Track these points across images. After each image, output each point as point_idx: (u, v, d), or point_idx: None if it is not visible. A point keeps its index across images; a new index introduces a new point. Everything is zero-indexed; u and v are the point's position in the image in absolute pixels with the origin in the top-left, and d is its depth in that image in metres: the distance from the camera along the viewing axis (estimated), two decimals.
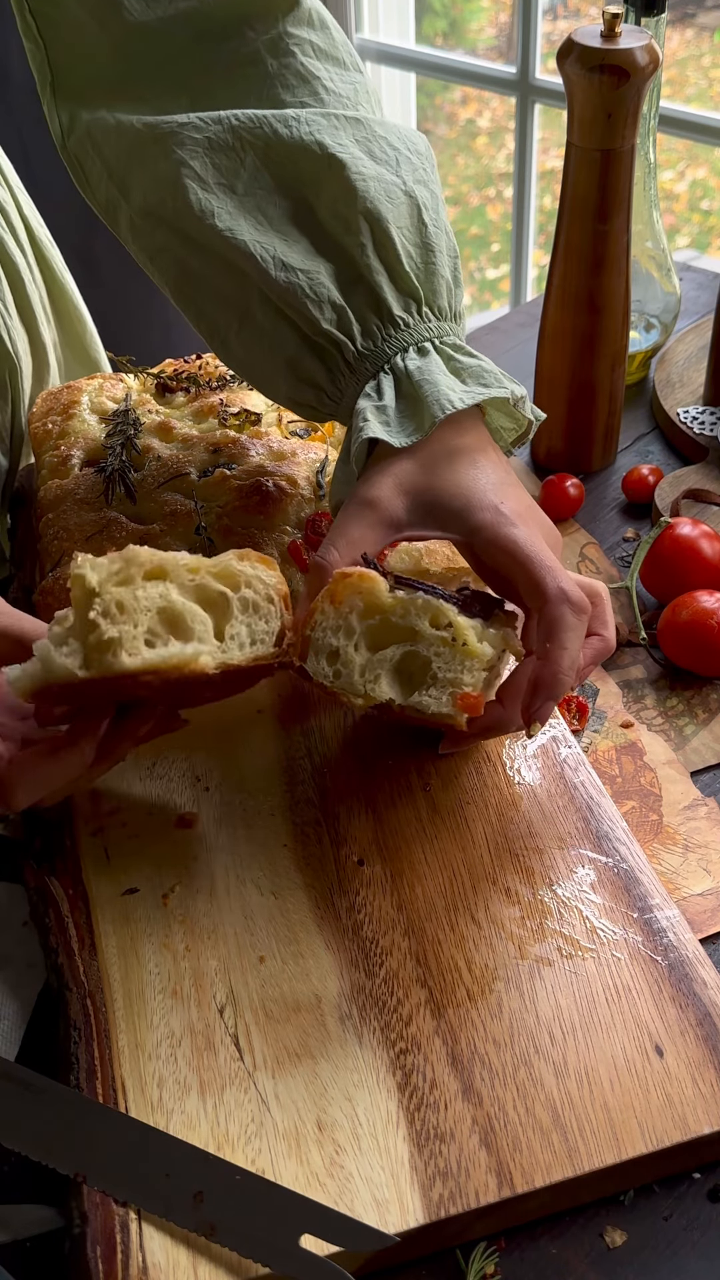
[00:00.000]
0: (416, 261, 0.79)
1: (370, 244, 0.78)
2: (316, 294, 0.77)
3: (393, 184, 0.79)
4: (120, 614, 0.67)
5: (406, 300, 0.79)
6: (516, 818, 0.79)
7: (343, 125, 0.80)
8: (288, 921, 0.74)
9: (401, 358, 0.78)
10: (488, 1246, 0.62)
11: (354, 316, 0.78)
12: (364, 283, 0.78)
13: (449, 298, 0.81)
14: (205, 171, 0.79)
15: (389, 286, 0.78)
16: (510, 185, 2.93)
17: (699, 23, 3.81)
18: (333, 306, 0.78)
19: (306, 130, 0.78)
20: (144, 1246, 0.60)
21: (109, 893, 0.76)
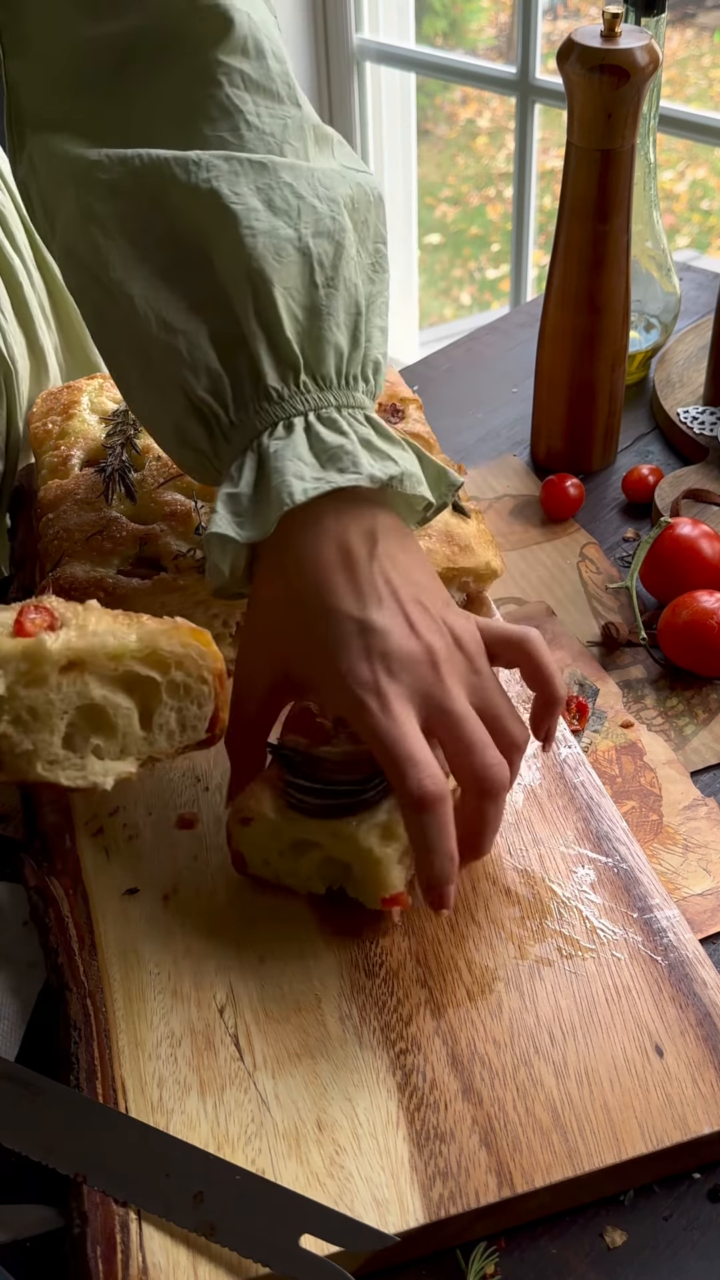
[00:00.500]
0: (301, 326, 0.74)
1: (252, 307, 0.73)
2: (193, 358, 0.74)
3: (285, 240, 0.74)
4: (34, 720, 0.62)
5: (284, 370, 0.73)
6: (516, 818, 0.79)
7: (245, 171, 0.75)
8: (288, 921, 0.74)
9: (269, 434, 0.72)
10: (488, 1246, 0.62)
11: (229, 384, 0.73)
12: (244, 349, 0.73)
13: (340, 362, 0.75)
14: (107, 217, 0.76)
15: (267, 355, 0.73)
16: (510, 185, 2.93)
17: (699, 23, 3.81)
18: (208, 373, 0.73)
19: (204, 177, 0.74)
20: (144, 1246, 0.60)
21: (109, 893, 0.76)
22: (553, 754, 0.83)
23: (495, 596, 1.00)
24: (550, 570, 1.05)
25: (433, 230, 4.04)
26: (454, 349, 1.38)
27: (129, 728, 0.67)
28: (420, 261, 3.40)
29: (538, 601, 1.02)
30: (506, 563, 1.05)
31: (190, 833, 0.80)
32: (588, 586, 1.03)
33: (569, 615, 1.00)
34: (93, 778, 0.65)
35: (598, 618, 1.00)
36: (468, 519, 0.96)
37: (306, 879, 0.75)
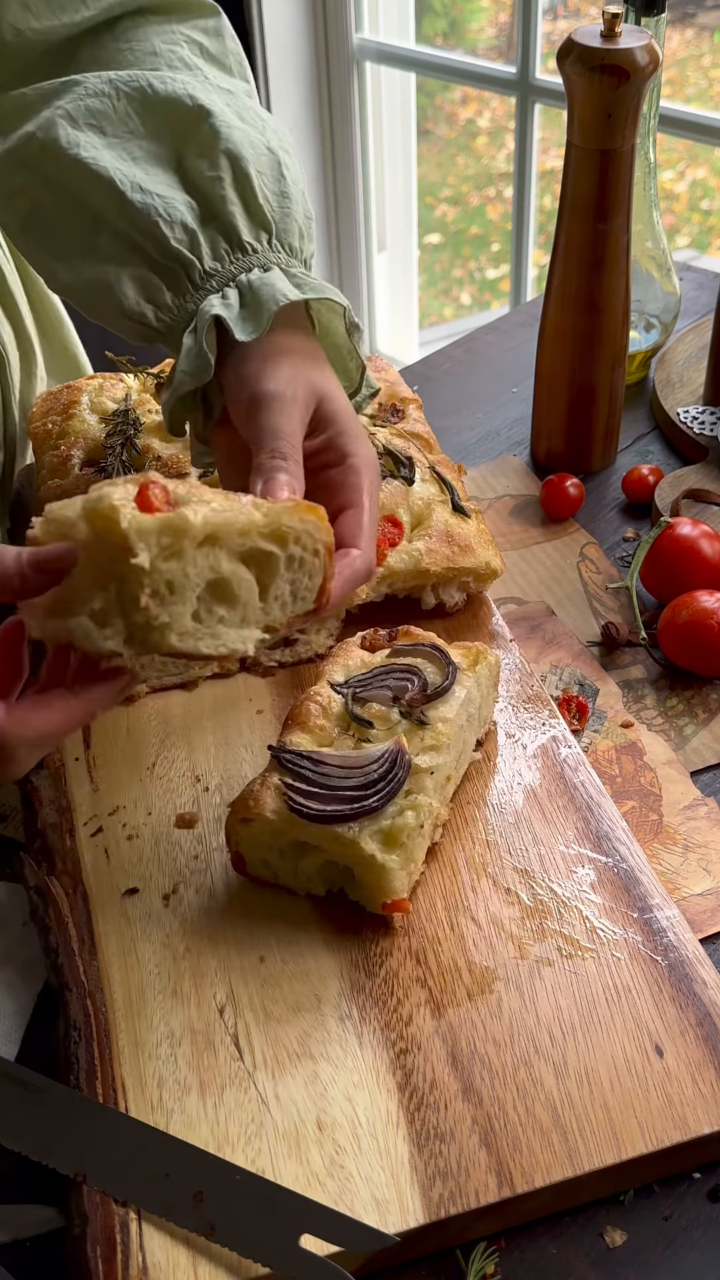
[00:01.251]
0: (272, 203, 0.82)
1: (229, 179, 0.80)
2: (170, 215, 0.79)
3: (256, 139, 0.82)
4: (170, 594, 0.62)
5: (258, 230, 0.81)
6: (516, 818, 0.79)
7: (215, 90, 0.84)
8: (288, 921, 0.74)
9: (245, 275, 0.79)
10: (488, 1246, 0.62)
11: (204, 240, 0.80)
12: (219, 216, 0.80)
13: (300, 241, 0.83)
14: (78, 114, 0.82)
15: (242, 216, 0.80)
16: (510, 185, 2.93)
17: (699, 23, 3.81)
18: (184, 229, 0.79)
19: (180, 86, 0.82)
20: (144, 1246, 0.60)
21: (109, 893, 0.76)
22: (553, 754, 0.83)
23: (495, 596, 1.00)
24: (550, 570, 1.05)
25: (433, 230, 4.04)
26: (454, 349, 1.38)
27: (250, 599, 0.67)
28: (420, 261, 3.40)
29: (538, 601, 1.02)
30: (506, 563, 1.05)
31: (190, 833, 0.80)
32: (588, 586, 1.03)
33: (569, 615, 1.00)
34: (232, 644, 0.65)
35: (598, 618, 1.00)
36: (468, 519, 0.96)
37: (307, 880, 0.75)
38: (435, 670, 0.80)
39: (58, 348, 1.20)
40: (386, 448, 0.98)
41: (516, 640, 0.95)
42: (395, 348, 3.28)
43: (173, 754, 0.85)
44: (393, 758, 0.74)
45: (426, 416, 1.08)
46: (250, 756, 0.85)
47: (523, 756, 0.84)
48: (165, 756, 0.85)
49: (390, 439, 1.00)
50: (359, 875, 0.73)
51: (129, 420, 0.99)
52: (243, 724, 0.87)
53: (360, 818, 0.72)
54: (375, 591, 0.93)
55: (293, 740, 0.76)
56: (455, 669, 0.79)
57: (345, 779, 0.73)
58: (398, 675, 0.79)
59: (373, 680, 0.80)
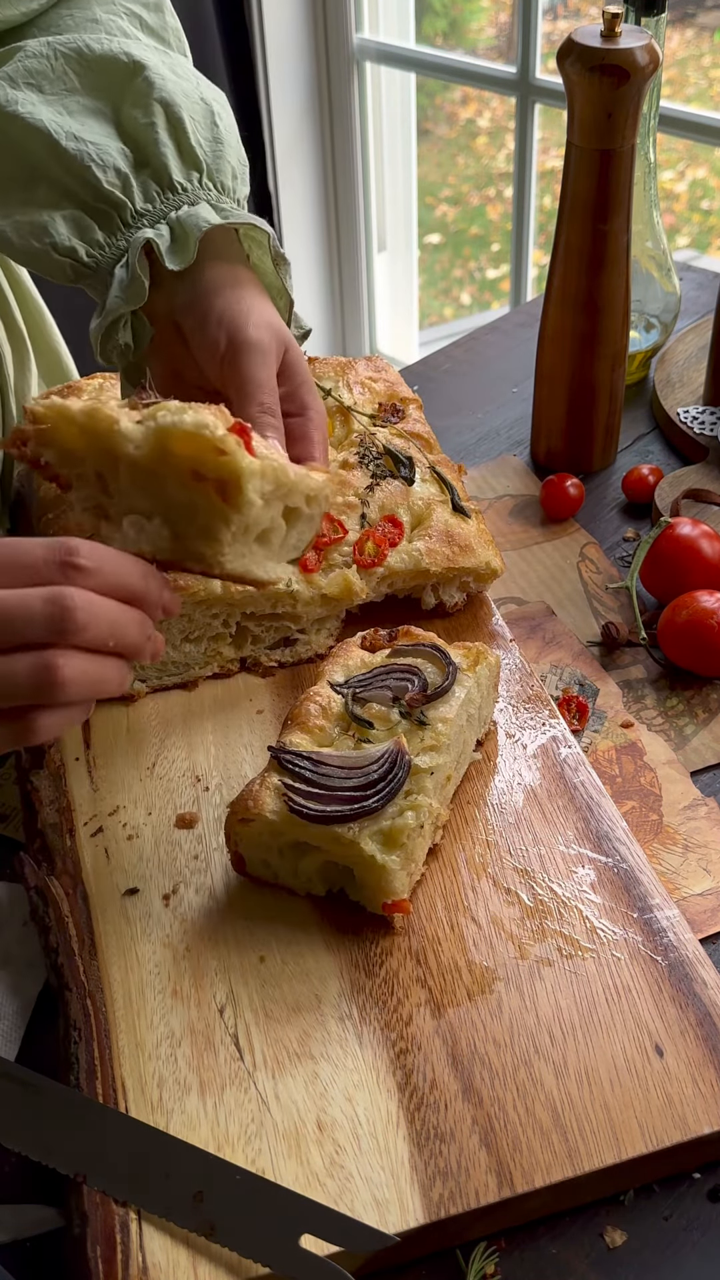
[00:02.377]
0: (205, 146, 0.84)
1: (162, 123, 0.83)
2: (103, 160, 0.82)
3: (190, 90, 0.85)
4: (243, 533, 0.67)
5: (189, 171, 0.83)
6: (516, 818, 0.79)
7: (151, 49, 0.86)
8: (288, 921, 0.74)
9: (175, 212, 0.81)
10: (488, 1246, 0.62)
11: (136, 184, 0.82)
12: (151, 161, 0.82)
13: (234, 181, 0.85)
14: (17, 74, 0.84)
15: (174, 158, 0.83)
16: (510, 185, 2.93)
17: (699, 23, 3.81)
18: (117, 172, 0.82)
19: (117, 44, 0.85)
20: (144, 1246, 0.60)
21: (109, 893, 0.76)
22: (553, 754, 0.83)
23: (495, 596, 1.00)
24: (550, 570, 1.05)
25: (433, 230, 4.03)
26: (454, 349, 1.38)
27: (278, 543, 0.72)
28: (420, 261, 3.40)
29: (538, 601, 1.01)
30: (506, 562, 1.05)
31: (190, 833, 0.80)
32: (588, 586, 1.03)
33: (569, 615, 1.00)
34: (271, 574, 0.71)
35: (598, 618, 1.00)
36: (468, 519, 0.96)
37: (307, 880, 0.75)
38: (435, 670, 0.80)
39: (41, 346, 1.20)
40: (386, 448, 0.98)
41: (516, 640, 0.95)
42: (395, 348, 3.28)
43: (173, 754, 0.85)
44: (393, 758, 0.74)
45: (426, 416, 1.08)
46: (250, 756, 0.85)
47: (523, 756, 0.84)
48: (165, 756, 0.85)
49: (390, 439, 1.00)
50: (359, 876, 0.73)
51: None
52: (243, 724, 0.87)
53: (360, 818, 0.72)
54: (375, 591, 0.93)
55: (292, 740, 0.76)
56: (455, 669, 0.79)
57: (345, 779, 0.73)
58: (398, 675, 0.79)
59: (373, 680, 0.80)
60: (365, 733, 0.77)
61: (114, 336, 0.83)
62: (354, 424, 1.01)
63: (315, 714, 0.78)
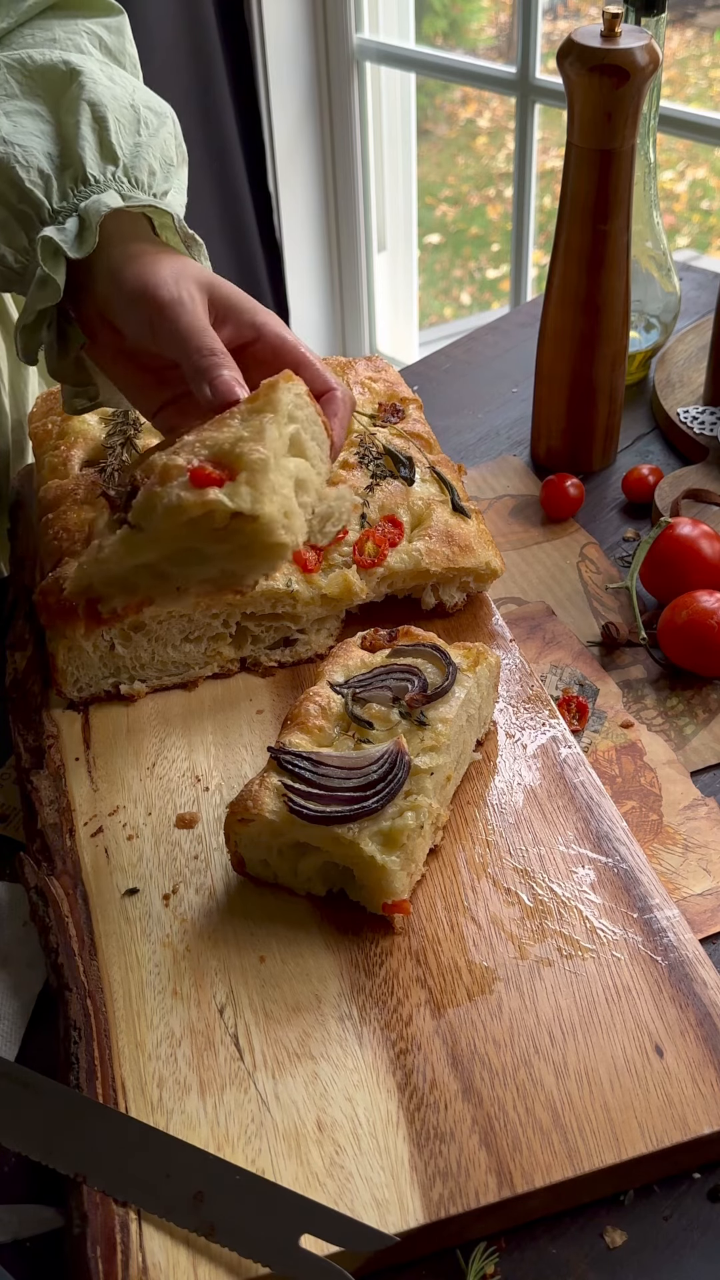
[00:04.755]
0: (124, 146, 0.85)
1: (86, 123, 0.84)
2: (26, 161, 0.83)
3: (122, 95, 0.86)
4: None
5: (105, 165, 0.84)
6: (516, 818, 0.79)
7: (93, 59, 0.88)
8: (288, 921, 0.74)
9: (84, 203, 0.82)
10: (488, 1246, 0.62)
11: (57, 183, 0.83)
12: (72, 160, 0.83)
13: (151, 178, 0.85)
14: None
15: (92, 152, 0.83)
16: (510, 185, 2.93)
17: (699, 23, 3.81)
18: (40, 173, 0.83)
19: (59, 54, 0.88)
20: (144, 1246, 0.60)
21: (109, 893, 0.76)
22: (553, 754, 0.83)
23: (495, 596, 1.00)
24: (550, 570, 1.05)
25: (433, 230, 4.03)
26: (454, 349, 1.38)
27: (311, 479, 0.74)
28: (420, 261, 3.40)
29: (538, 601, 1.01)
30: (506, 563, 1.05)
31: (190, 833, 0.80)
32: (588, 586, 1.03)
33: (569, 615, 1.00)
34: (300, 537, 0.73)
35: (598, 618, 1.00)
36: (468, 519, 0.96)
37: (306, 880, 0.75)
38: (435, 670, 0.80)
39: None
40: (386, 448, 0.98)
41: (516, 640, 0.95)
42: (395, 348, 3.28)
43: (173, 754, 0.85)
44: (392, 758, 0.74)
45: (426, 416, 1.08)
46: (250, 756, 0.85)
47: (523, 756, 0.84)
48: (165, 756, 0.85)
49: (390, 439, 1.00)
50: (359, 876, 0.73)
51: (128, 420, 0.99)
52: (243, 724, 0.87)
53: (360, 819, 0.72)
54: (375, 591, 0.93)
55: (292, 741, 0.76)
56: (455, 669, 0.79)
57: (345, 780, 0.73)
58: (398, 675, 0.79)
59: (373, 680, 0.80)
60: (365, 733, 0.77)
61: (35, 335, 0.84)
62: (354, 424, 1.01)
63: (315, 714, 0.78)
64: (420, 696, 0.78)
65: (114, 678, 0.90)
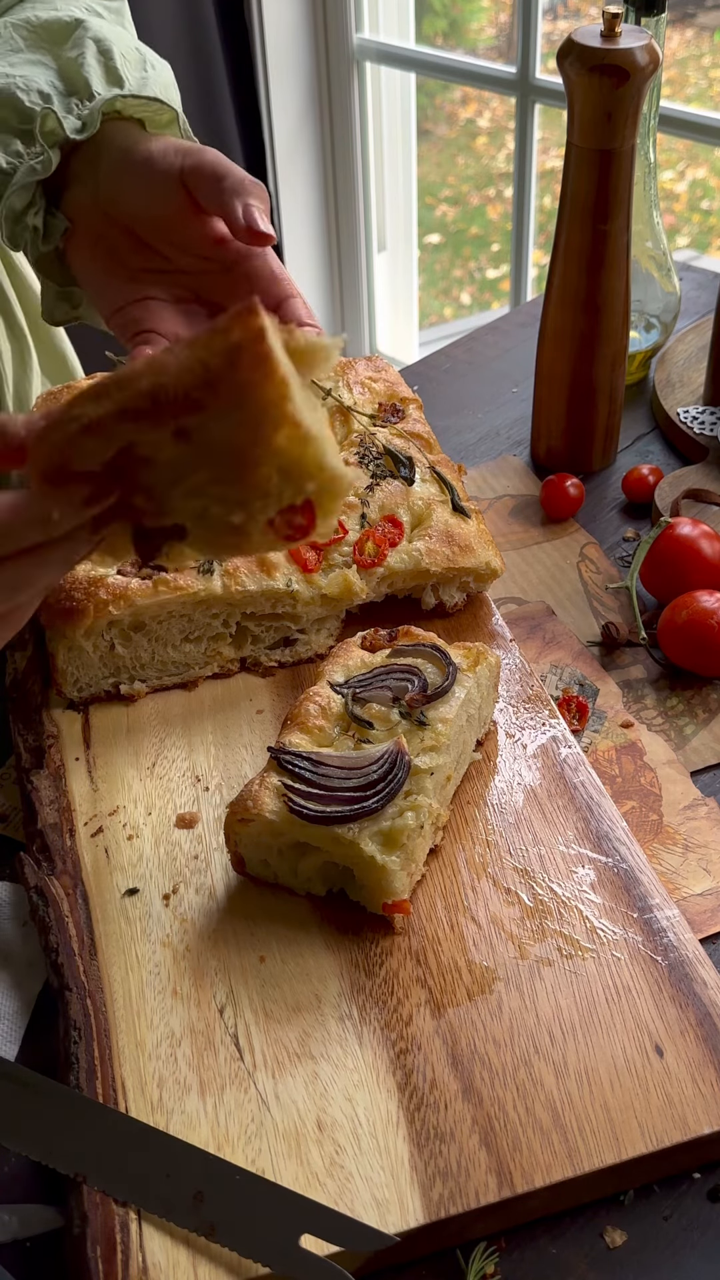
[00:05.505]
0: (131, 72, 0.86)
1: (91, 54, 0.86)
2: (27, 86, 0.84)
3: (128, 39, 0.89)
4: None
5: (111, 86, 0.85)
6: (516, 818, 0.79)
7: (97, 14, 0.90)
8: (288, 921, 0.74)
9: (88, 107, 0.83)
10: (488, 1246, 0.62)
11: (59, 104, 0.84)
12: (77, 85, 0.85)
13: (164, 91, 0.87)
14: None
15: (98, 74, 0.85)
16: (510, 185, 2.93)
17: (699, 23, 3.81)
18: (40, 94, 0.84)
19: (65, 10, 0.90)
20: (144, 1246, 0.60)
21: (109, 893, 0.76)
22: (553, 754, 0.83)
23: (495, 596, 1.00)
24: (550, 570, 1.05)
25: (433, 230, 4.03)
26: (454, 349, 1.38)
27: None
28: (420, 261, 3.40)
29: (538, 601, 1.01)
30: (506, 563, 1.05)
31: (190, 833, 0.80)
32: (588, 586, 1.03)
33: (569, 615, 1.00)
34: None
35: (598, 618, 1.00)
36: (468, 519, 0.96)
37: (306, 880, 0.75)
38: (435, 670, 0.80)
39: (48, 347, 1.20)
40: (386, 448, 0.98)
41: (516, 640, 0.95)
42: (395, 348, 3.28)
43: (173, 754, 0.85)
44: (392, 758, 0.74)
45: (426, 416, 1.08)
46: (250, 756, 0.85)
47: (523, 756, 0.84)
48: (165, 756, 0.85)
49: (390, 439, 1.00)
50: (359, 876, 0.73)
51: None
52: (243, 724, 0.87)
53: (360, 819, 0.72)
54: (375, 591, 0.93)
55: (292, 741, 0.76)
56: (455, 669, 0.79)
57: (345, 780, 0.73)
58: (398, 675, 0.79)
59: (373, 680, 0.80)
60: (365, 733, 0.77)
61: (23, 220, 0.85)
62: (354, 424, 1.01)
63: (315, 714, 0.78)
64: (420, 696, 0.78)
65: (114, 678, 0.90)
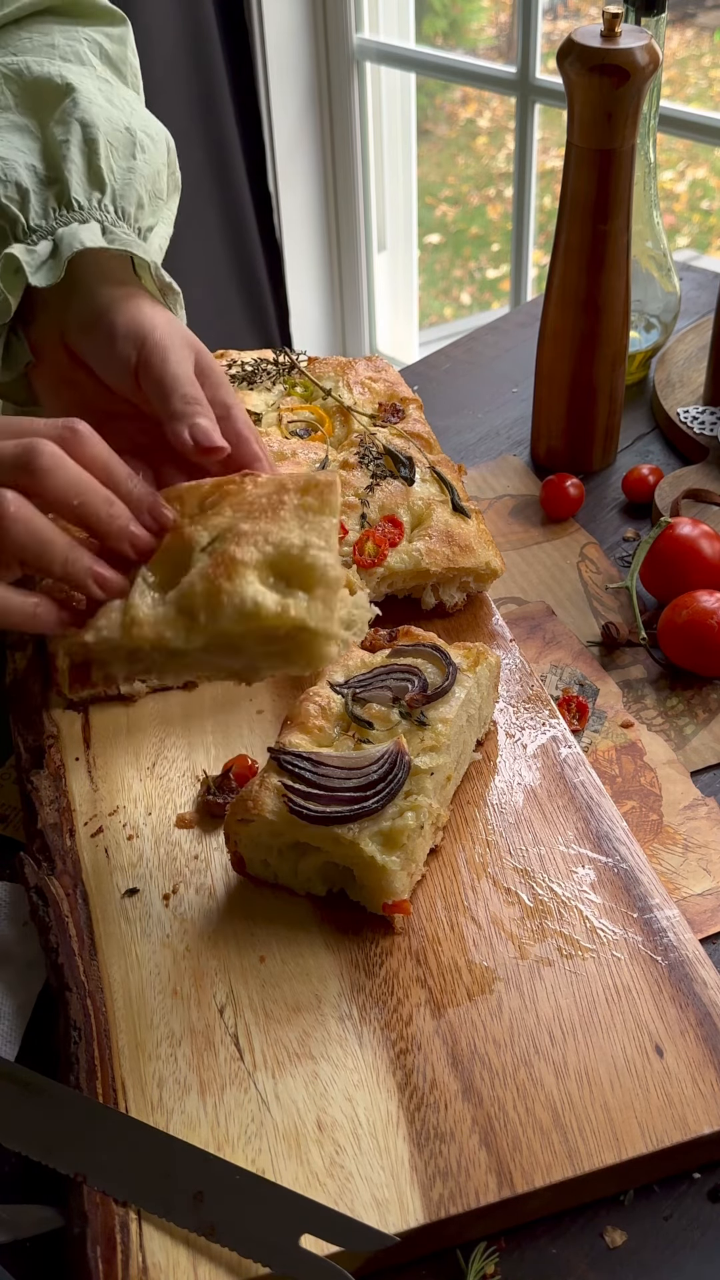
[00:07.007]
0: (115, 172, 0.82)
1: (75, 142, 0.82)
2: (5, 175, 0.81)
3: (117, 117, 0.84)
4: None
5: (91, 191, 0.82)
6: (516, 818, 0.79)
7: (92, 76, 0.86)
8: (288, 921, 0.74)
9: (63, 229, 0.80)
10: (488, 1246, 0.62)
11: (35, 200, 0.81)
12: (58, 178, 0.81)
13: (138, 210, 0.84)
14: None
15: (78, 175, 0.81)
16: (510, 185, 2.93)
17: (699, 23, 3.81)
18: (18, 188, 0.81)
19: (56, 68, 0.85)
20: (144, 1246, 0.60)
21: (109, 893, 0.76)
22: (553, 754, 0.83)
23: (495, 596, 1.00)
24: (550, 570, 1.05)
25: (433, 230, 4.03)
26: (454, 349, 1.38)
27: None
28: (420, 261, 3.40)
29: (538, 601, 1.02)
30: (506, 563, 1.05)
31: (190, 833, 0.80)
32: (588, 586, 1.03)
33: (569, 615, 1.00)
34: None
35: (598, 618, 1.00)
36: (468, 519, 0.96)
37: (306, 880, 0.75)
38: (435, 671, 0.80)
39: None
40: (386, 448, 0.98)
41: (516, 640, 0.95)
42: (395, 348, 3.28)
43: (173, 754, 0.85)
44: (392, 759, 0.74)
45: (426, 416, 1.08)
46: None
47: (523, 756, 0.84)
48: (165, 756, 0.85)
49: (390, 439, 1.00)
50: (359, 876, 0.73)
51: None
52: (243, 724, 0.87)
53: (360, 819, 0.72)
54: (375, 591, 0.93)
55: (292, 741, 0.76)
56: (455, 669, 0.79)
57: (345, 780, 0.73)
58: (398, 675, 0.79)
59: (373, 680, 0.80)
60: (365, 733, 0.77)
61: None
62: (354, 424, 1.01)
63: (315, 714, 0.78)
64: (420, 696, 0.78)
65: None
